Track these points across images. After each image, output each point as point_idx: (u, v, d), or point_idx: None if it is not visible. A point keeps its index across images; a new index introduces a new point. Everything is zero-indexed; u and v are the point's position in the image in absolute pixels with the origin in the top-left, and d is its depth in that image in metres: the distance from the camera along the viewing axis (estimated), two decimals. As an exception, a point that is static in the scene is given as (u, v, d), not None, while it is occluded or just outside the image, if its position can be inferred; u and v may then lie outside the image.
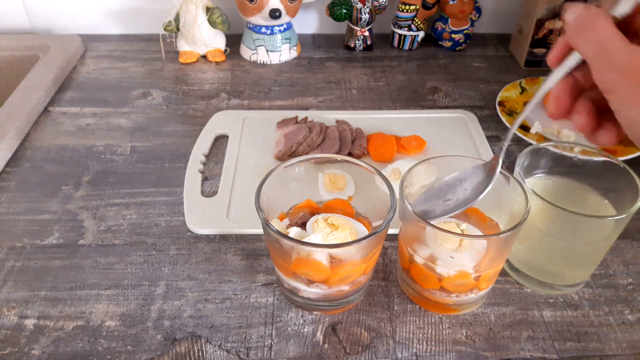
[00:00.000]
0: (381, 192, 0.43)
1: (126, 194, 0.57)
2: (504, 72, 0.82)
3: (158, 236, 0.52)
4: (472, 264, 0.40)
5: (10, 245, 0.51)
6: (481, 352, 0.42)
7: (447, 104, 0.74)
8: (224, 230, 0.52)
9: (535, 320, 0.45)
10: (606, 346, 0.43)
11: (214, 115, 0.69)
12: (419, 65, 0.84)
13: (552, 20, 0.78)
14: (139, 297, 0.46)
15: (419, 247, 0.41)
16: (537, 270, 0.46)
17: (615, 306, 0.46)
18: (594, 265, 0.47)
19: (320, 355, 0.42)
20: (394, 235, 0.51)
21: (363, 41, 0.86)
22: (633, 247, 0.52)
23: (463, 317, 0.45)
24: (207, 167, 0.61)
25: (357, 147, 0.62)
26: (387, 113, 0.71)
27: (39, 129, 0.67)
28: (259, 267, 0.49)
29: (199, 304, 0.46)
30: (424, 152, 0.63)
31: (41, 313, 0.45)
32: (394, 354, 0.42)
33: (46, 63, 0.76)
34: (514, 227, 0.38)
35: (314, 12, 0.90)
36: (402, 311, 0.46)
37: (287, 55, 0.83)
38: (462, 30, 0.85)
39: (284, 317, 0.45)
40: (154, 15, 0.85)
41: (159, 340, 0.43)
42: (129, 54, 0.84)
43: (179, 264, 0.49)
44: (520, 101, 0.72)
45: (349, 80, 0.79)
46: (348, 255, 0.40)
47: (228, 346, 0.43)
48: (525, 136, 0.65)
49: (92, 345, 0.42)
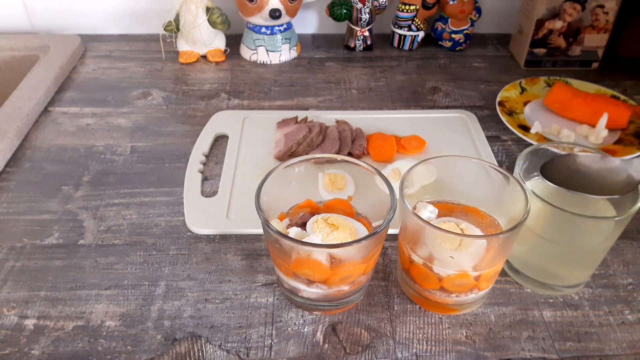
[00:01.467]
0: (381, 192, 0.43)
1: (126, 194, 0.57)
2: (504, 72, 0.82)
3: (158, 236, 0.52)
4: (471, 264, 0.40)
5: (10, 245, 0.51)
6: (481, 352, 0.42)
7: (447, 104, 0.74)
8: (224, 230, 0.52)
9: (535, 320, 0.45)
10: (606, 346, 0.43)
11: (214, 115, 0.69)
12: (419, 65, 0.84)
13: (552, 20, 0.78)
14: (139, 297, 0.46)
15: (418, 247, 0.41)
16: (536, 271, 0.46)
17: (615, 306, 0.46)
18: (594, 266, 0.47)
19: (320, 355, 0.42)
20: (394, 235, 0.51)
21: (363, 41, 0.86)
22: (633, 247, 0.52)
23: (463, 317, 0.45)
24: (207, 167, 0.61)
25: (357, 147, 0.62)
26: (387, 113, 0.71)
27: (39, 129, 0.67)
28: (259, 267, 0.49)
29: (199, 304, 0.46)
30: (424, 152, 0.63)
31: (41, 313, 0.45)
32: (394, 354, 0.42)
33: (46, 63, 0.76)
34: (514, 227, 0.38)
35: (314, 12, 0.90)
36: (402, 311, 0.46)
37: (287, 55, 0.83)
38: (462, 30, 0.85)
39: (284, 317, 0.45)
40: (154, 16, 0.85)
41: (159, 340, 0.43)
42: (129, 54, 0.84)
43: (179, 264, 0.49)
44: (520, 101, 0.72)
45: (349, 80, 0.79)
46: (348, 255, 0.40)
47: (228, 346, 0.43)
48: (525, 136, 0.65)
49: (92, 345, 0.42)
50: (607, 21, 0.78)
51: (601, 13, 0.77)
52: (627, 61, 0.84)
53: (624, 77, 0.80)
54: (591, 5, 0.76)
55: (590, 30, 0.79)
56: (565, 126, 0.68)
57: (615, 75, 0.81)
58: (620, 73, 0.81)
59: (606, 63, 0.83)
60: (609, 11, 0.77)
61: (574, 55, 0.82)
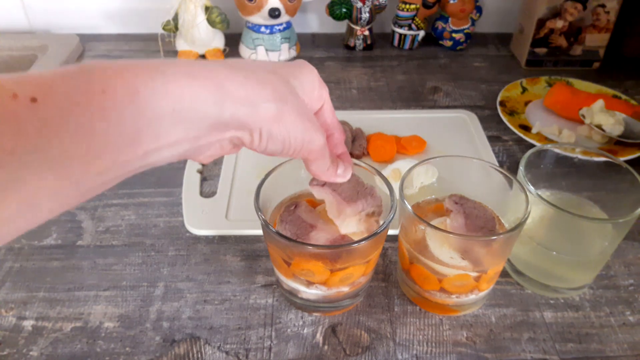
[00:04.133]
0: (381, 193, 0.42)
1: (125, 194, 0.57)
2: (504, 71, 0.82)
3: (157, 237, 0.52)
4: (472, 265, 0.40)
5: (8, 246, 0.51)
6: (482, 353, 0.42)
7: (448, 104, 0.74)
8: (223, 231, 0.52)
9: (536, 321, 0.45)
10: (607, 347, 0.43)
11: (213, 115, 0.68)
12: (420, 65, 0.83)
13: (553, 20, 0.78)
14: (137, 298, 0.46)
15: (418, 248, 0.41)
16: (540, 273, 0.46)
17: (616, 307, 0.46)
18: (598, 268, 0.47)
19: (320, 356, 0.42)
20: (394, 236, 0.51)
21: (363, 40, 0.85)
22: (634, 248, 0.51)
23: (463, 318, 0.45)
24: (206, 167, 0.61)
25: (357, 147, 0.61)
26: (387, 113, 0.71)
27: (38, 129, 0.67)
28: (259, 268, 0.49)
29: (198, 305, 0.46)
30: (424, 152, 0.62)
31: (39, 314, 0.45)
32: (394, 356, 0.42)
33: (44, 63, 0.76)
34: (514, 228, 0.38)
35: (314, 12, 0.90)
36: (402, 312, 0.45)
37: (286, 55, 0.83)
38: (463, 30, 0.85)
39: (284, 318, 0.45)
40: (153, 15, 0.85)
41: (157, 341, 0.43)
42: (127, 54, 0.84)
43: (177, 265, 0.49)
44: (521, 101, 0.72)
45: (349, 80, 0.78)
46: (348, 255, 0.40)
47: (227, 347, 0.42)
48: (526, 136, 0.65)
49: (90, 346, 0.42)
50: (609, 21, 0.77)
51: (602, 12, 0.77)
52: (629, 61, 0.84)
53: (625, 77, 0.80)
54: (592, 4, 0.76)
55: (592, 30, 0.79)
56: (566, 126, 0.67)
57: (617, 75, 0.80)
58: (622, 73, 0.81)
59: (607, 63, 0.83)
60: (610, 11, 0.76)
61: (575, 54, 0.81)
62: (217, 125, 0.26)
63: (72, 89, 0.22)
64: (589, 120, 0.64)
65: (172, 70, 0.25)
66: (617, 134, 0.63)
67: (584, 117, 0.65)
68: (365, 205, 0.40)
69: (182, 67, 0.26)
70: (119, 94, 0.23)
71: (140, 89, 0.23)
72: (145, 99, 0.23)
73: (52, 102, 0.21)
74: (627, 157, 0.60)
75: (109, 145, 0.23)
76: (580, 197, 0.48)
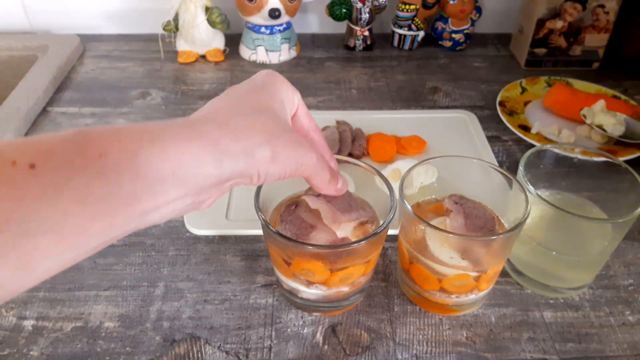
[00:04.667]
0: (381, 193, 0.43)
1: (125, 194, 0.57)
2: (504, 72, 0.82)
3: (157, 237, 0.52)
4: (472, 265, 0.40)
5: (8, 245, 0.51)
6: (481, 353, 0.42)
7: (447, 104, 0.74)
8: (223, 231, 0.52)
9: (535, 321, 0.45)
10: (607, 347, 0.43)
11: (213, 115, 0.69)
12: (419, 65, 0.83)
13: (553, 20, 0.78)
14: (137, 298, 0.46)
15: (418, 248, 0.41)
16: (539, 273, 0.46)
17: (616, 307, 0.46)
18: (598, 268, 0.47)
19: (320, 356, 0.42)
20: (394, 236, 0.51)
21: (363, 41, 0.85)
22: (634, 248, 0.52)
23: (463, 318, 0.45)
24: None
25: (357, 147, 0.61)
26: (387, 113, 0.71)
27: (38, 129, 0.67)
28: (259, 268, 0.49)
29: (198, 305, 0.46)
30: (424, 153, 0.62)
31: (40, 314, 0.45)
32: (394, 356, 0.42)
33: (45, 63, 0.76)
34: (514, 228, 0.38)
35: (314, 12, 0.90)
36: (402, 312, 0.45)
37: (286, 55, 0.83)
38: (463, 30, 0.85)
39: (284, 318, 0.45)
40: (153, 15, 0.85)
41: (158, 341, 0.43)
42: (127, 54, 0.84)
43: (178, 264, 0.49)
44: (521, 101, 0.72)
45: (349, 80, 0.79)
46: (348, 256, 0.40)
47: (227, 347, 0.42)
48: (526, 136, 0.65)
49: (90, 346, 0.42)
50: (608, 21, 0.78)
51: (602, 13, 0.77)
52: (628, 61, 0.84)
53: (624, 77, 0.80)
54: (592, 5, 0.76)
55: (591, 30, 0.79)
56: (566, 126, 0.67)
57: (616, 75, 0.80)
58: (621, 73, 0.81)
59: (607, 63, 0.83)
60: (609, 11, 0.77)
61: (575, 55, 0.81)
62: (218, 182, 0.27)
63: (71, 154, 0.22)
64: (590, 120, 0.64)
65: (171, 132, 0.25)
66: (618, 134, 0.63)
67: (585, 117, 0.65)
68: (359, 215, 0.41)
69: (179, 128, 0.26)
70: (117, 157, 0.23)
71: (139, 152, 0.23)
72: (144, 162, 0.24)
73: (50, 167, 0.21)
74: (627, 157, 0.60)
75: (108, 208, 0.23)
76: (580, 197, 0.48)
